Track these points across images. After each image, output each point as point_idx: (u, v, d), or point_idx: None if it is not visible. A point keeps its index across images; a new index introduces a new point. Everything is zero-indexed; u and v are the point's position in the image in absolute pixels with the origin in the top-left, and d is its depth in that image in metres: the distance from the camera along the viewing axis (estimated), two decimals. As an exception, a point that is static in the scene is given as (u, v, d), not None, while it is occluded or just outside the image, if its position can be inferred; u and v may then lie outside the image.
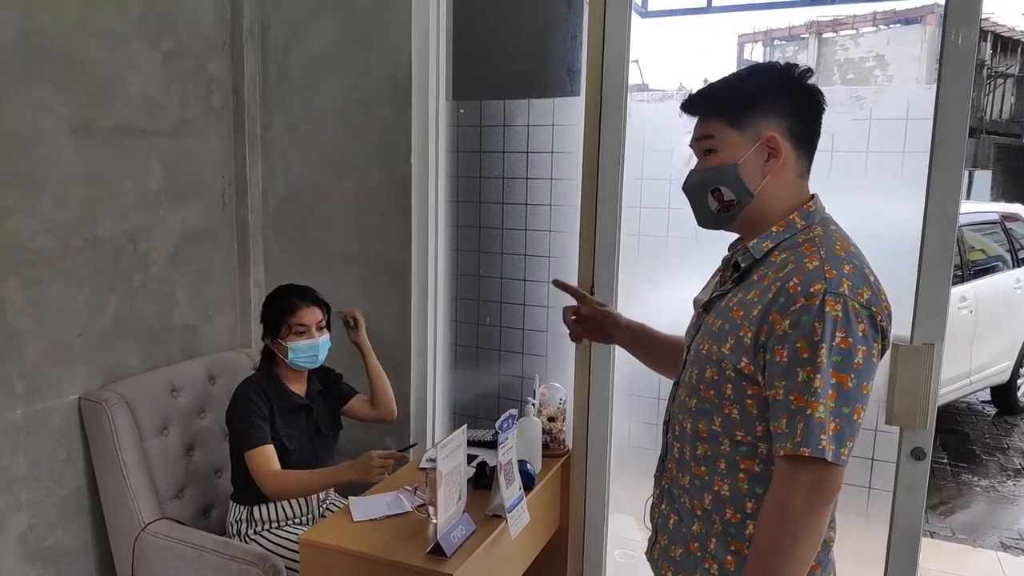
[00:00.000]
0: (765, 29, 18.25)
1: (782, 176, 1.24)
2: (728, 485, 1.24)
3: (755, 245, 1.24)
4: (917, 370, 1.87)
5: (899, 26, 16.24)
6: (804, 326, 1.12)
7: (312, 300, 2.19)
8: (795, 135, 1.23)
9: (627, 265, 2.25)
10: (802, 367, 1.12)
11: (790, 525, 1.13)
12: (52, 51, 2.04)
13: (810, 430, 1.10)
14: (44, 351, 2.10)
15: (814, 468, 1.11)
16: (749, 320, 1.18)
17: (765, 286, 1.19)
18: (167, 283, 2.44)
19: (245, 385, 2.16)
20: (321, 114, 2.57)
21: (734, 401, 1.21)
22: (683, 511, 1.31)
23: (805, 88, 1.24)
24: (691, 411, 1.28)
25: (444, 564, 1.68)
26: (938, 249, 1.84)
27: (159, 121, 2.36)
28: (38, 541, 2.13)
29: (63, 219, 2.12)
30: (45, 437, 2.13)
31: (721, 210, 1.27)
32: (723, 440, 1.24)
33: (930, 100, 1.80)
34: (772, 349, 1.15)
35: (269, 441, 2.08)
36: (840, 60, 16.91)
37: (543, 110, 2.42)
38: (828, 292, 1.12)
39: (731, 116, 1.23)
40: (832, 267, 1.15)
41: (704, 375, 1.25)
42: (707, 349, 1.25)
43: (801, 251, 1.19)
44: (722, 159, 1.24)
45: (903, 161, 1.94)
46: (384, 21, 2.43)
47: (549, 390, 2.34)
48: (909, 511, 1.93)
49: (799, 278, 1.15)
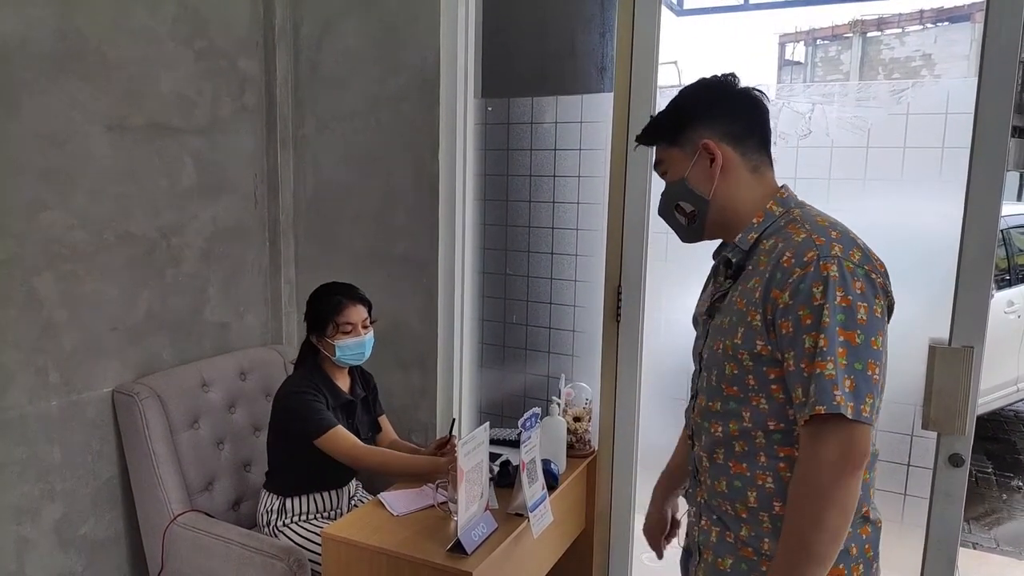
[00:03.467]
0: (807, 29, 17.93)
1: (732, 175, 1.30)
2: (772, 477, 1.24)
3: (741, 239, 1.29)
4: (955, 373, 1.80)
5: (947, 24, 15.83)
6: (803, 293, 1.15)
7: (358, 298, 2.21)
8: (733, 135, 1.30)
9: (655, 265, 2.22)
10: (807, 333, 1.14)
11: (816, 493, 1.13)
12: (86, 49, 2.09)
13: (822, 388, 1.11)
14: (78, 344, 2.15)
15: (835, 429, 1.12)
16: (753, 304, 1.22)
17: (762, 270, 1.23)
18: (199, 279, 2.48)
19: (294, 384, 2.18)
20: (351, 112, 2.59)
21: (759, 391, 1.23)
22: (727, 518, 1.29)
23: (731, 91, 1.33)
24: (718, 414, 1.29)
25: (464, 562, 1.67)
26: (979, 248, 1.77)
27: (192, 119, 2.40)
28: (71, 530, 2.18)
29: (97, 214, 2.16)
30: (79, 428, 2.17)
31: (689, 222, 1.35)
32: (756, 434, 1.24)
33: (970, 93, 1.74)
34: (778, 324, 1.18)
35: (337, 423, 2.11)
36: (885, 59, 16.55)
37: (571, 107, 2.40)
38: (821, 257, 1.16)
39: (668, 137, 1.34)
40: (819, 235, 1.20)
41: (724, 373, 1.27)
42: (721, 347, 1.27)
43: (787, 231, 1.25)
44: (673, 176, 1.35)
45: (942, 157, 1.87)
46: (413, 18, 2.43)
47: (575, 390, 2.31)
48: (946, 519, 1.87)
49: (791, 252, 1.19)
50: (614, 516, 2.32)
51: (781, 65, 18.75)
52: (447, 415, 2.57)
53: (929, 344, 1.83)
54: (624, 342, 2.25)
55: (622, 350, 2.26)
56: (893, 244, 1.61)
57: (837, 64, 18.51)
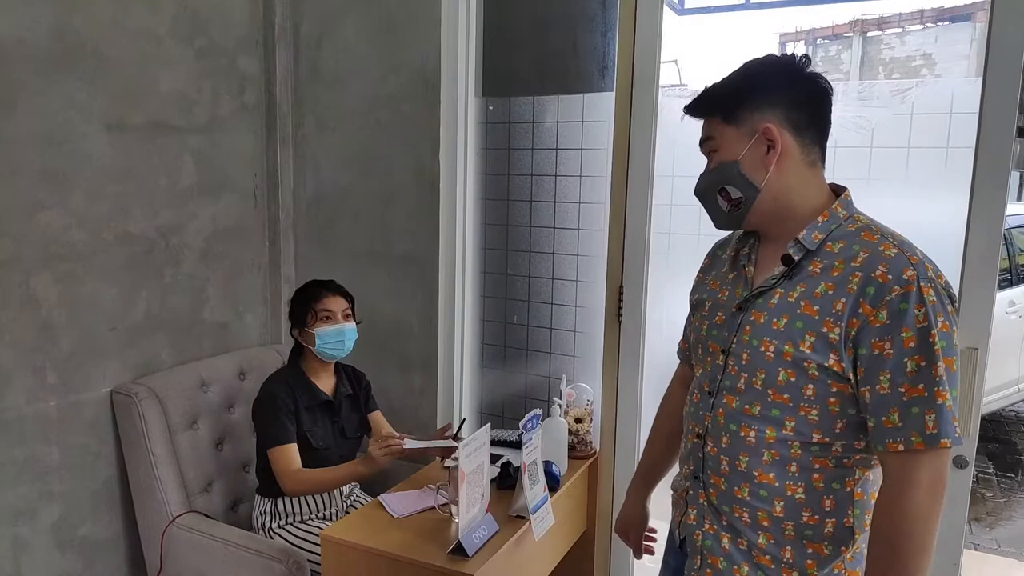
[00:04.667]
0: (807, 28, 17.91)
1: (787, 166, 1.22)
2: (803, 488, 1.20)
3: (806, 236, 1.20)
4: (961, 376, 1.79)
5: (947, 24, 15.81)
6: (906, 315, 1.09)
7: (336, 290, 2.21)
8: (794, 124, 1.21)
9: (656, 265, 2.20)
10: (910, 357, 1.09)
11: (922, 522, 1.11)
12: (85, 49, 2.07)
13: (945, 420, 1.09)
14: (77, 344, 2.13)
15: (938, 458, 1.11)
16: (832, 314, 1.14)
17: (838, 277, 1.15)
18: (198, 279, 2.46)
19: (271, 380, 2.17)
20: (351, 111, 2.57)
21: (814, 402, 1.17)
22: (741, 526, 1.25)
23: (800, 76, 1.22)
24: (755, 418, 1.22)
25: (465, 564, 1.65)
26: (983, 249, 1.76)
27: (191, 118, 2.39)
28: (70, 531, 2.16)
29: (95, 214, 2.15)
30: (77, 429, 2.16)
31: (732, 209, 1.26)
32: (793, 444, 1.19)
33: (975, 93, 1.73)
34: (867, 343, 1.12)
35: (293, 440, 2.08)
36: (886, 59, 16.53)
37: (573, 106, 2.38)
38: (921, 278, 1.10)
39: (725, 113, 1.23)
40: (911, 252, 1.14)
41: (776, 379, 1.19)
42: (775, 350, 1.19)
43: (863, 239, 1.17)
44: (723, 157, 1.24)
45: (947, 156, 1.86)
46: (413, 17, 2.42)
47: (576, 391, 2.30)
48: (950, 521, 1.85)
49: (885, 266, 1.12)
50: (615, 517, 2.30)
51: (781, 65, 18.69)
52: (447, 415, 2.55)
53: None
54: (626, 343, 2.24)
55: (623, 351, 2.25)
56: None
57: (837, 64, 18.50)
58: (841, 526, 1.20)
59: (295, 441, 2.09)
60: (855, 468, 1.20)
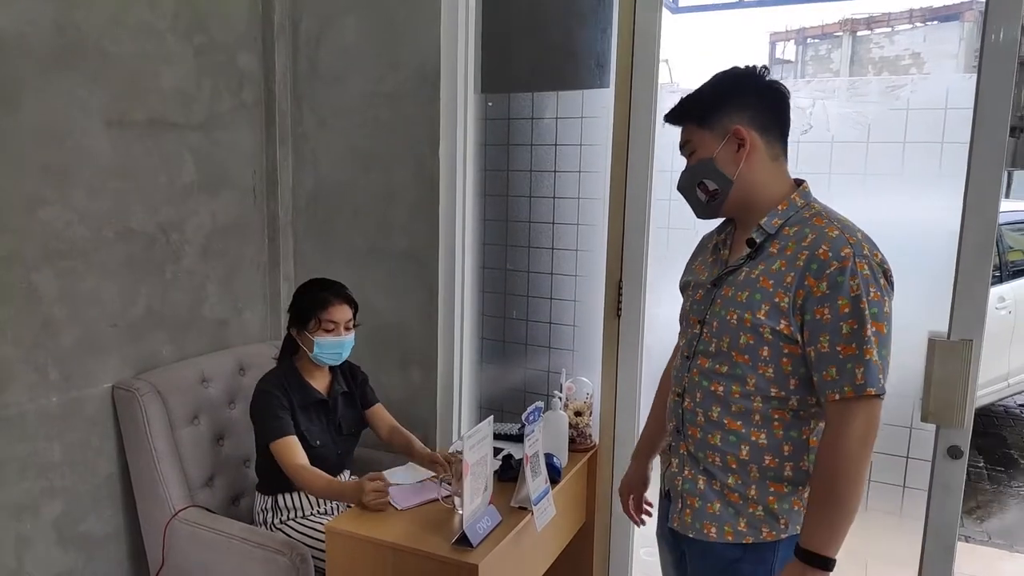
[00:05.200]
0: (798, 27, 17.99)
1: (755, 161, 1.41)
2: (765, 434, 1.40)
3: (767, 222, 1.40)
4: (954, 366, 1.83)
5: (936, 23, 15.92)
6: (842, 286, 1.29)
7: (345, 298, 2.17)
8: (759, 125, 1.41)
9: (655, 260, 2.23)
10: (845, 321, 1.29)
11: (852, 458, 1.30)
12: (86, 45, 2.08)
13: (871, 372, 1.29)
14: (78, 340, 2.14)
15: (867, 405, 1.30)
16: (783, 287, 1.34)
17: (790, 255, 1.35)
18: (198, 276, 2.47)
19: (265, 380, 2.16)
20: (349, 108, 2.58)
21: (769, 362, 1.38)
22: (713, 469, 1.45)
23: (762, 83, 1.43)
24: (723, 375, 1.42)
25: (469, 555, 1.67)
26: (978, 243, 1.79)
27: (191, 115, 2.39)
28: (71, 527, 2.17)
29: (96, 210, 2.15)
30: (79, 425, 2.16)
31: (709, 199, 1.46)
32: (755, 398, 1.40)
33: (969, 88, 1.76)
34: (811, 310, 1.32)
35: (293, 432, 2.08)
36: (875, 58, 16.64)
37: (572, 102, 2.40)
38: (856, 255, 1.30)
39: (700, 118, 1.44)
40: (851, 234, 1.34)
41: (738, 342, 1.39)
42: (737, 317, 1.39)
43: (813, 223, 1.37)
44: (700, 156, 1.44)
45: (942, 152, 1.89)
46: (412, 13, 2.43)
47: (576, 384, 2.32)
48: (945, 510, 1.89)
49: (827, 245, 1.32)
50: (615, 509, 2.33)
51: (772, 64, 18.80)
52: (447, 411, 2.57)
53: (928, 338, 1.85)
54: (625, 337, 2.26)
55: (623, 345, 2.27)
56: (893, 239, 1.63)
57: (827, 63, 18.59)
58: (798, 468, 1.41)
59: (295, 433, 2.09)
60: (810, 419, 1.40)
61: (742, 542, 1.43)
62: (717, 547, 1.45)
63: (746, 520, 1.43)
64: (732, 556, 1.44)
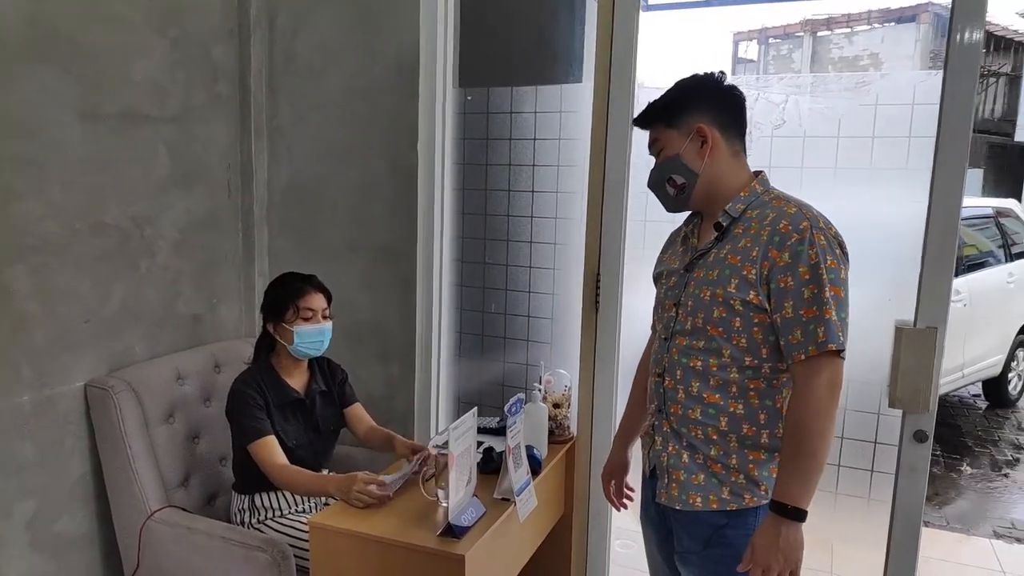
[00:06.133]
0: (760, 27, 18.25)
1: (717, 156, 1.54)
2: (742, 405, 1.51)
3: (731, 207, 1.53)
4: (920, 353, 1.89)
5: (893, 24, 16.28)
6: (802, 255, 1.41)
7: (318, 287, 2.17)
8: (720, 123, 1.54)
9: (632, 253, 2.26)
10: (806, 286, 1.41)
11: (820, 412, 1.41)
12: (59, 36, 2.04)
13: (831, 330, 1.40)
14: (51, 337, 2.10)
15: (829, 363, 1.41)
16: (749, 260, 1.46)
17: (754, 234, 1.48)
18: (172, 271, 2.44)
19: (241, 380, 2.13)
20: (326, 102, 2.57)
21: (742, 332, 1.49)
22: (696, 442, 1.55)
23: (721, 86, 1.57)
24: (700, 350, 1.53)
25: (456, 545, 1.69)
26: (942, 235, 1.85)
27: (165, 108, 2.36)
28: (44, 528, 2.13)
29: (69, 204, 2.11)
30: (52, 424, 2.12)
31: (678, 193, 1.59)
32: (732, 369, 1.51)
33: (936, 85, 1.82)
34: (776, 279, 1.43)
35: (271, 432, 2.06)
36: (835, 58, 16.97)
37: (551, 97, 2.42)
38: (813, 227, 1.43)
39: (666, 119, 1.57)
40: (807, 211, 1.47)
41: (712, 316, 1.50)
42: (710, 294, 1.51)
43: (773, 205, 1.50)
44: (667, 153, 1.58)
45: (909, 147, 1.96)
46: (391, 7, 2.42)
47: (554, 377, 2.34)
48: (911, 493, 1.96)
49: (787, 220, 1.45)
50: (592, 500, 2.37)
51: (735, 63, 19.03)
52: (425, 406, 2.58)
53: (895, 326, 1.91)
54: (603, 329, 2.29)
55: (600, 337, 2.30)
56: (862, 230, 1.70)
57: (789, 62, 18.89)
58: (773, 435, 1.51)
59: (273, 433, 2.07)
60: (782, 388, 1.51)
61: (726, 509, 1.53)
62: (702, 515, 1.55)
63: (729, 488, 1.53)
64: (717, 523, 1.54)
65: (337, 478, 1.97)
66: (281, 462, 2.04)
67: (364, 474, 1.91)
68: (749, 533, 1.49)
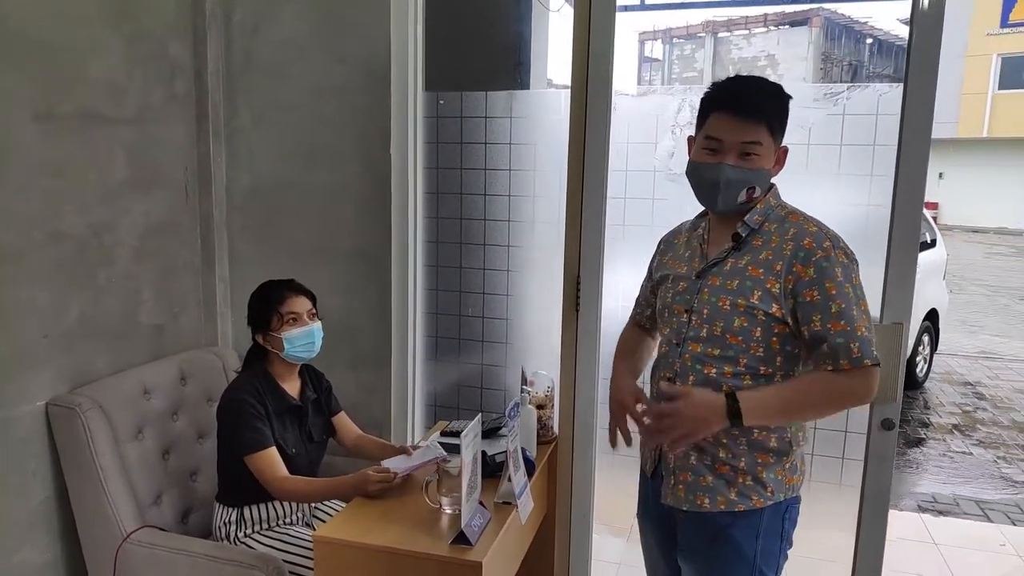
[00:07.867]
0: (664, 28, 18.79)
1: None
2: None
3: (750, 218, 1.55)
4: (887, 347, 2.01)
5: (787, 27, 17.13)
6: (828, 271, 1.46)
7: (300, 290, 2.13)
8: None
9: (611, 254, 2.31)
10: (834, 301, 1.45)
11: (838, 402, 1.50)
12: (9, 32, 1.89)
13: (865, 345, 1.44)
14: (7, 355, 1.95)
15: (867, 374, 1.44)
16: (773, 274, 1.50)
17: (775, 247, 1.51)
18: (133, 280, 2.31)
19: (237, 387, 2.07)
20: (290, 103, 2.49)
21: (761, 342, 1.52)
22: (705, 444, 1.56)
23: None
24: (715, 358, 1.54)
25: (471, 552, 1.68)
26: (905, 236, 1.99)
27: (122, 108, 2.23)
28: (5, 557, 1.98)
29: (24, 211, 1.97)
30: (10, 447, 1.97)
31: (747, 202, 1.56)
32: (745, 377, 1.53)
33: (897, 97, 1.95)
34: (801, 292, 1.47)
35: (272, 443, 2.01)
36: (735, 59, 17.70)
37: (525, 102, 2.44)
38: (835, 247, 1.48)
39: (773, 127, 1.53)
40: (826, 229, 1.52)
41: (732, 325, 1.52)
42: (730, 303, 1.52)
43: (791, 220, 1.54)
44: (761, 164, 1.53)
45: (873, 154, 2.09)
46: (358, 6, 2.37)
47: (536, 378, 2.36)
48: (880, 477, 2.09)
49: (810, 238, 1.49)
50: (575, 498, 2.41)
51: (641, 61, 19.53)
52: (401, 411, 2.55)
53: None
54: (583, 330, 2.33)
55: (581, 338, 2.34)
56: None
57: (692, 62, 19.55)
58: (781, 439, 1.55)
59: (274, 444, 2.01)
60: None
61: (734, 510, 1.57)
62: (709, 515, 1.58)
63: (736, 490, 1.56)
64: (724, 523, 1.58)
65: (350, 480, 1.95)
66: (283, 474, 1.98)
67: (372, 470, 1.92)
68: (755, 533, 1.56)
